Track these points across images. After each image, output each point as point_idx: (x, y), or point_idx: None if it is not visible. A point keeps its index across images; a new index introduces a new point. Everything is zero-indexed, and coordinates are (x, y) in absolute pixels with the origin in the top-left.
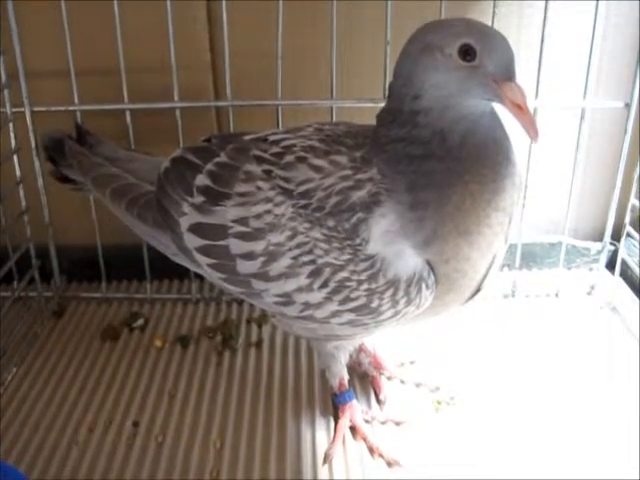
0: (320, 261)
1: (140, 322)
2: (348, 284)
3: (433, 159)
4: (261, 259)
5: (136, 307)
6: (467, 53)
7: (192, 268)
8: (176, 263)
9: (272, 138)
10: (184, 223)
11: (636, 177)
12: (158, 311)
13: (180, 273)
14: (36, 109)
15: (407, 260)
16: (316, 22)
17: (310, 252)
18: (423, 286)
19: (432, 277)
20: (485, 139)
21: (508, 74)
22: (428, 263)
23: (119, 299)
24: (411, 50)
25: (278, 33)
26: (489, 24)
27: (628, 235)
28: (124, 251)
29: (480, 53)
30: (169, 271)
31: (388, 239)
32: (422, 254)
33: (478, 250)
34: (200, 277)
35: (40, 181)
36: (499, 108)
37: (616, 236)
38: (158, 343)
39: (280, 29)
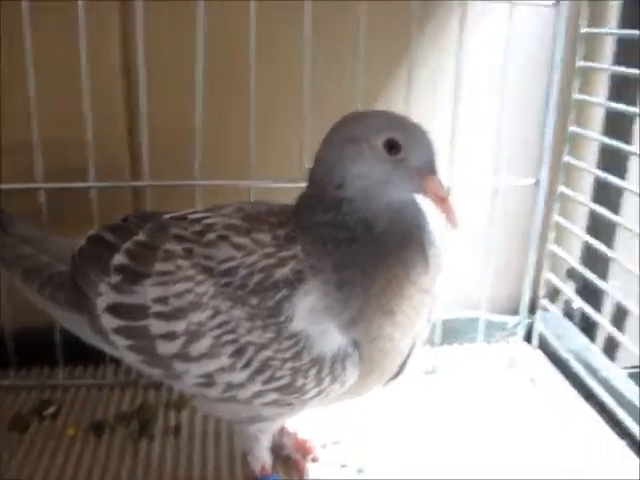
0: (243, 340)
1: (51, 410)
2: (272, 363)
3: (359, 243)
4: (182, 339)
5: (47, 394)
6: (392, 147)
7: (108, 351)
8: (91, 346)
9: (192, 217)
10: (101, 303)
11: (548, 251)
12: (71, 398)
13: (95, 357)
14: None
15: (332, 338)
16: (235, 101)
17: (232, 331)
18: (348, 363)
19: (357, 354)
20: (409, 226)
21: (430, 168)
22: (353, 342)
23: (29, 386)
24: (335, 140)
25: (197, 113)
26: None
27: (544, 308)
28: (35, 335)
29: (405, 148)
30: (83, 355)
31: (313, 317)
32: (347, 333)
33: (401, 330)
34: (116, 361)
35: None
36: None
37: (532, 309)
38: (70, 432)
39: (200, 109)
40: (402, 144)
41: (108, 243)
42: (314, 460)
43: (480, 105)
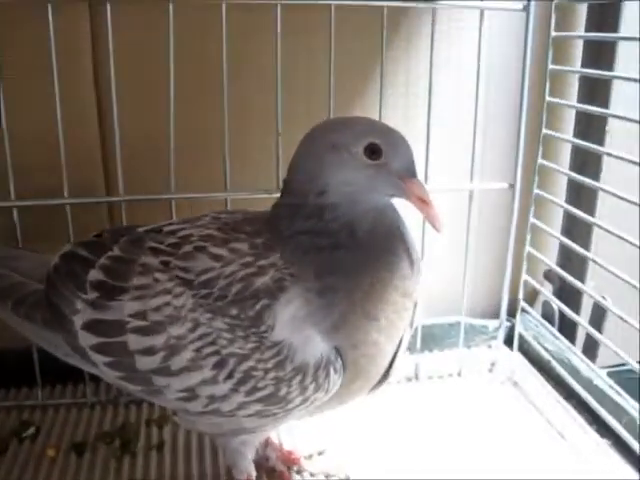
0: (224, 352)
1: (31, 431)
2: (254, 373)
3: (342, 249)
4: (162, 353)
5: (26, 415)
6: (373, 152)
7: (87, 369)
8: (69, 365)
9: (167, 229)
10: (77, 321)
11: (525, 254)
12: (51, 418)
13: (74, 376)
14: None
15: (315, 345)
16: (208, 112)
17: (213, 343)
18: (331, 370)
19: (340, 361)
20: (390, 230)
21: (411, 171)
22: (336, 349)
23: (7, 407)
24: (315, 148)
25: (170, 126)
26: (377, 112)
27: (523, 310)
28: (12, 355)
29: (385, 152)
30: (62, 374)
31: (295, 325)
32: (330, 340)
33: (386, 335)
34: (95, 378)
35: None
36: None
37: (512, 312)
38: (51, 453)
39: (172, 121)
40: (382, 149)
41: (83, 259)
42: (299, 471)
43: (454, 110)
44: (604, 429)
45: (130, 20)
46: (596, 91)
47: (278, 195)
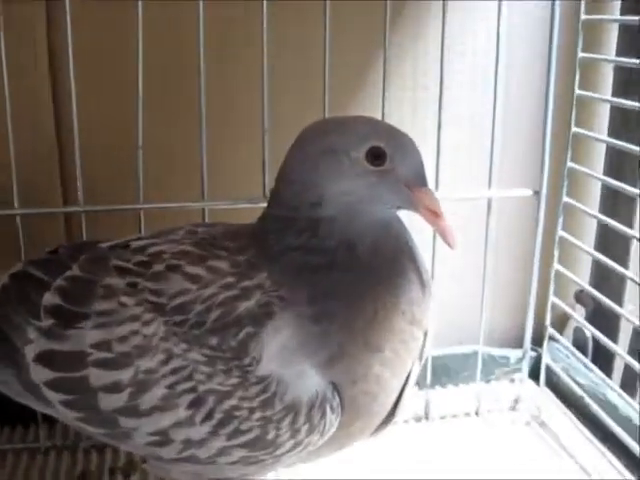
0: (202, 388)
1: None
2: (237, 414)
3: (340, 268)
4: (129, 390)
5: None
6: (376, 156)
7: (40, 409)
8: (20, 405)
9: (135, 245)
10: (30, 352)
11: (553, 272)
12: None
13: (24, 416)
14: None
15: (308, 380)
16: (183, 112)
17: (189, 378)
18: (327, 409)
19: (337, 398)
20: (396, 246)
21: (420, 179)
22: (333, 385)
23: None
24: (309, 152)
25: (139, 125)
26: (379, 109)
27: (551, 338)
28: None
29: (390, 157)
30: (11, 416)
31: (284, 357)
32: (327, 374)
33: (391, 369)
34: (50, 420)
35: None
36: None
37: (538, 340)
38: None
39: (140, 122)
40: (387, 153)
41: (36, 280)
42: None
43: (469, 106)
44: None
45: (91, 15)
46: (634, 82)
47: (264, 205)
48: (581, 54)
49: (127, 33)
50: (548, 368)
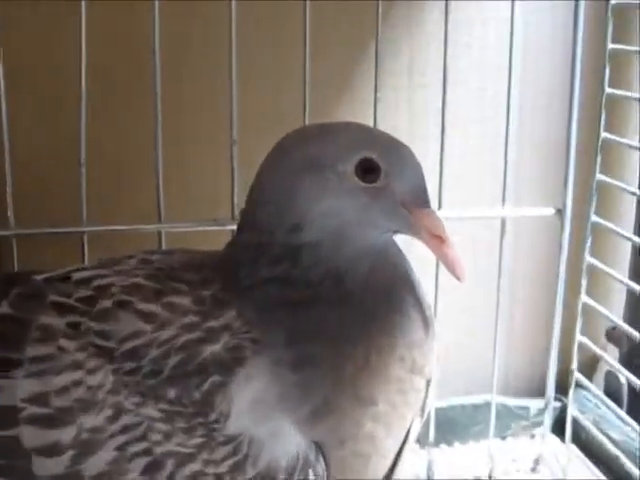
0: (159, 450)
1: None
2: None
3: (324, 304)
4: (70, 453)
5: None
6: (368, 171)
7: None
8: None
9: (77, 276)
10: None
11: (580, 306)
12: None
13: None
14: None
15: (287, 440)
16: (136, 122)
17: (143, 438)
18: (310, 474)
19: (322, 461)
20: (393, 277)
21: (420, 197)
22: (317, 445)
23: None
24: (287, 166)
25: (81, 137)
26: (370, 114)
27: (578, 385)
28: None
29: (385, 171)
30: None
31: (258, 412)
32: (309, 433)
33: (386, 426)
34: None
35: None
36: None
37: (562, 388)
38: None
39: (83, 131)
40: (381, 167)
41: None
42: None
43: (477, 109)
44: None
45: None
46: None
47: (233, 229)
48: (611, 45)
49: (67, 34)
50: (575, 421)
